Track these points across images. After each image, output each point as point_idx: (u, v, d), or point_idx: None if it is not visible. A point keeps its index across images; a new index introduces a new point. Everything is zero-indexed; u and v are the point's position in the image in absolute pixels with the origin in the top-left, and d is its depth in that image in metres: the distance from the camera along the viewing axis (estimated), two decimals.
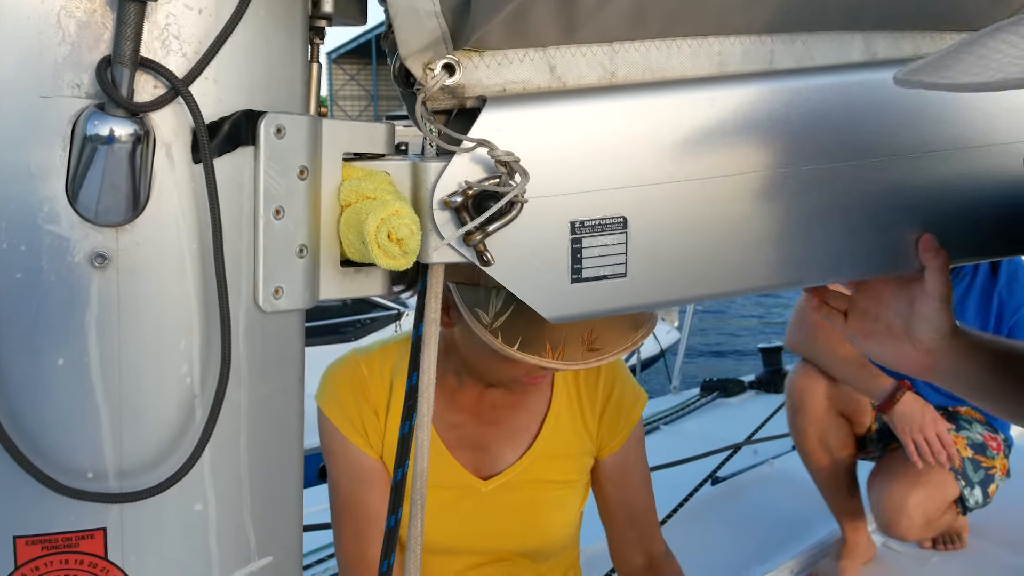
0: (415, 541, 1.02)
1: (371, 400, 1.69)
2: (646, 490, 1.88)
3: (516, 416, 1.74)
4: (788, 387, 2.98)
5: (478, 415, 1.73)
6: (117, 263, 0.78)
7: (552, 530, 1.77)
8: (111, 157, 0.76)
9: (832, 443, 2.91)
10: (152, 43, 0.78)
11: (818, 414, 2.88)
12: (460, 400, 1.73)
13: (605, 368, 1.77)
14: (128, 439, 0.81)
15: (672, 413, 5.08)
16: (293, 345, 0.90)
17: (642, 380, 8.06)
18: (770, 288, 1.06)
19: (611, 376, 1.79)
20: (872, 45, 1.06)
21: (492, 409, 1.73)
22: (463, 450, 1.73)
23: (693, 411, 5.18)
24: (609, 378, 1.78)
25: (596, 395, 1.77)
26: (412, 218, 0.87)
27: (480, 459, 1.73)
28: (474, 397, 1.73)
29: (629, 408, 1.80)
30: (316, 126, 0.88)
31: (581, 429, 1.77)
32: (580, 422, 1.76)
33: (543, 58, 0.95)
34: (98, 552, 0.81)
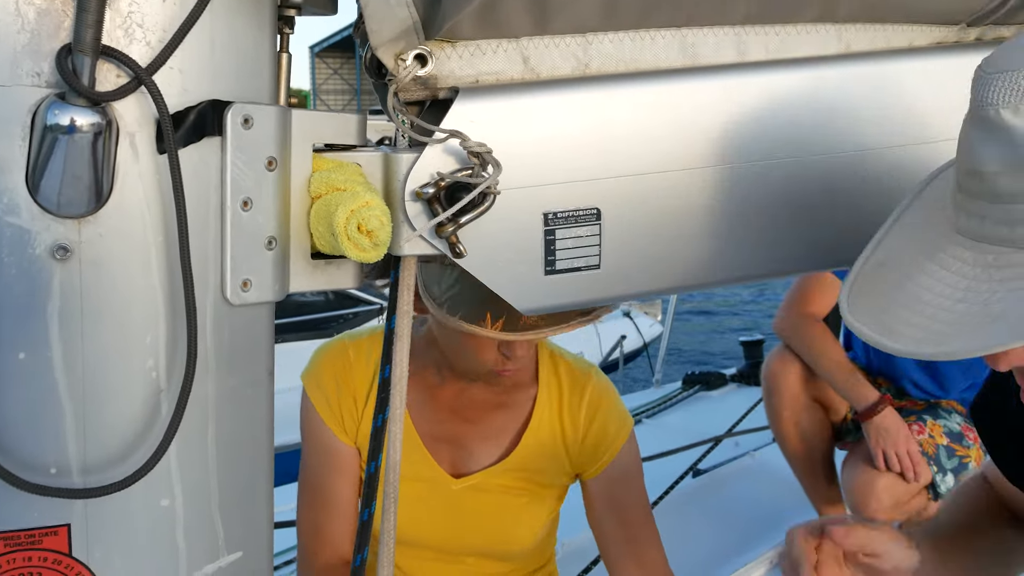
0: (388, 535, 1.01)
1: (352, 386, 1.69)
2: (642, 515, 1.79)
3: (496, 418, 1.73)
4: (764, 371, 2.99)
5: (458, 412, 1.72)
6: (80, 255, 0.77)
7: (517, 536, 1.75)
8: (72, 147, 0.74)
9: (807, 427, 2.92)
10: (115, 31, 0.76)
11: (793, 397, 2.89)
12: (440, 396, 1.72)
13: (591, 392, 1.74)
14: (92, 434, 0.80)
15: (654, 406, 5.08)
16: (262, 338, 0.89)
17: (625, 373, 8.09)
18: (744, 279, 1.06)
19: (596, 400, 1.75)
20: (846, 37, 1.06)
21: (472, 408, 1.72)
22: (439, 445, 1.72)
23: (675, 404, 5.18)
24: (594, 402, 1.75)
25: (579, 416, 1.74)
26: (382, 209, 0.86)
27: (456, 456, 1.73)
28: (454, 394, 1.72)
29: (614, 433, 1.74)
30: (285, 116, 0.87)
31: (560, 447, 1.74)
32: (560, 440, 1.74)
33: (516, 49, 0.95)
34: (62, 549, 0.80)
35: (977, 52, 1.13)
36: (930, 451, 2.78)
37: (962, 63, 1.12)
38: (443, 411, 1.72)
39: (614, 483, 1.76)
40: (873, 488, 2.72)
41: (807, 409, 2.91)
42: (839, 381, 2.79)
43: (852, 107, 1.06)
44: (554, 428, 1.73)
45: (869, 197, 1.08)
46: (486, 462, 1.72)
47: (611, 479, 1.76)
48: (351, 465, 1.71)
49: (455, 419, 1.73)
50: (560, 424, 1.73)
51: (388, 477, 1.01)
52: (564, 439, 1.73)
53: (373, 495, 1.02)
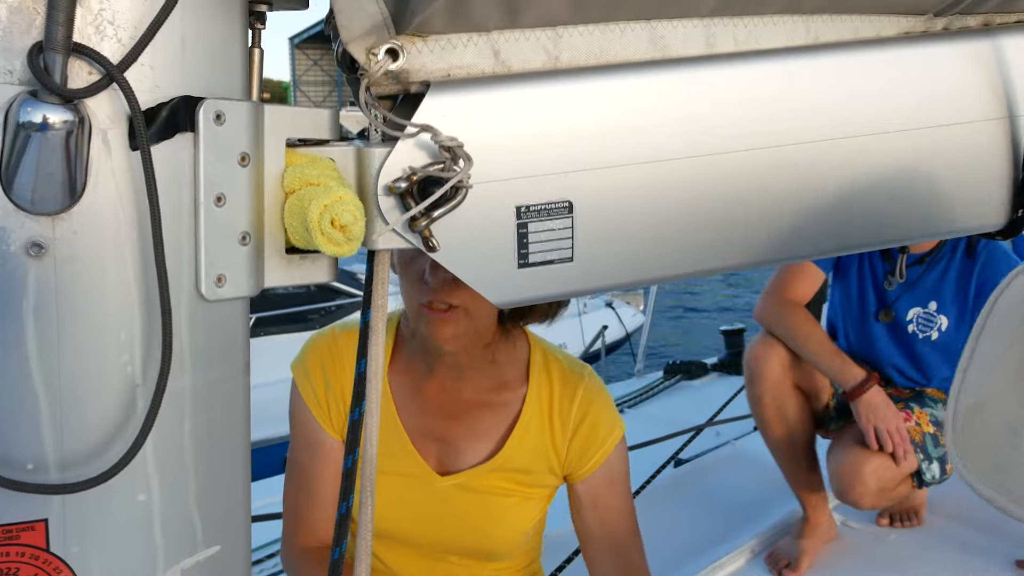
0: (365, 528, 1.02)
1: (340, 379, 1.70)
2: (627, 522, 1.79)
3: (484, 417, 1.73)
4: (746, 356, 3.00)
5: (445, 409, 1.72)
6: (54, 252, 0.77)
7: (500, 536, 1.75)
8: (45, 144, 0.74)
9: (789, 413, 2.93)
10: (86, 28, 0.77)
11: (775, 383, 2.91)
12: (427, 390, 1.72)
13: (582, 392, 1.72)
14: (69, 429, 0.80)
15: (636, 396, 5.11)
16: (238, 332, 0.90)
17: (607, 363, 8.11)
18: (716, 270, 1.07)
19: (588, 401, 1.73)
20: (814, 28, 1.07)
21: (460, 405, 1.72)
22: (426, 441, 1.72)
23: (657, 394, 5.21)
24: (585, 403, 1.73)
25: (569, 417, 1.72)
26: (356, 204, 0.87)
27: (442, 453, 1.73)
28: (442, 390, 1.72)
29: (604, 436, 1.72)
30: (258, 112, 0.87)
31: (549, 448, 1.72)
32: (549, 441, 1.72)
33: (487, 43, 0.95)
34: (40, 544, 0.80)
35: (944, 41, 1.15)
36: (917, 438, 2.81)
37: (930, 53, 1.14)
38: (431, 407, 1.73)
39: (601, 487, 1.75)
40: (860, 472, 2.74)
41: (789, 395, 2.93)
42: (825, 362, 2.81)
43: (821, 98, 1.07)
44: (543, 429, 1.72)
45: (840, 186, 1.10)
46: (473, 461, 1.71)
47: (599, 483, 1.75)
48: (334, 456, 1.72)
49: (443, 416, 1.73)
50: (549, 425, 1.72)
51: (365, 470, 1.02)
52: (552, 440, 1.72)
53: (350, 488, 1.03)
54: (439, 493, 1.71)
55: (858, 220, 1.12)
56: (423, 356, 1.71)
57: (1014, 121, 1.17)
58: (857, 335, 3.04)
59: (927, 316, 2.86)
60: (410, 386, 1.73)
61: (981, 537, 2.98)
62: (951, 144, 1.14)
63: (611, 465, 1.75)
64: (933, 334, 2.86)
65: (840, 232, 1.12)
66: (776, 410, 2.93)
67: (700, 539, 3.12)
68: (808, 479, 3.00)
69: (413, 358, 1.72)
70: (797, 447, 2.98)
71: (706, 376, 5.49)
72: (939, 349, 2.88)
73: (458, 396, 1.73)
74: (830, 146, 1.07)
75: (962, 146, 1.15)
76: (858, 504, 2.79)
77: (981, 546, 2.93)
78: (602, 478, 1.75)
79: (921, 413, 2.88)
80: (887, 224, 1.13)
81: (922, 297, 2.86)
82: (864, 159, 1.10)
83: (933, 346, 2.88)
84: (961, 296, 2.82)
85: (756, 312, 3.02)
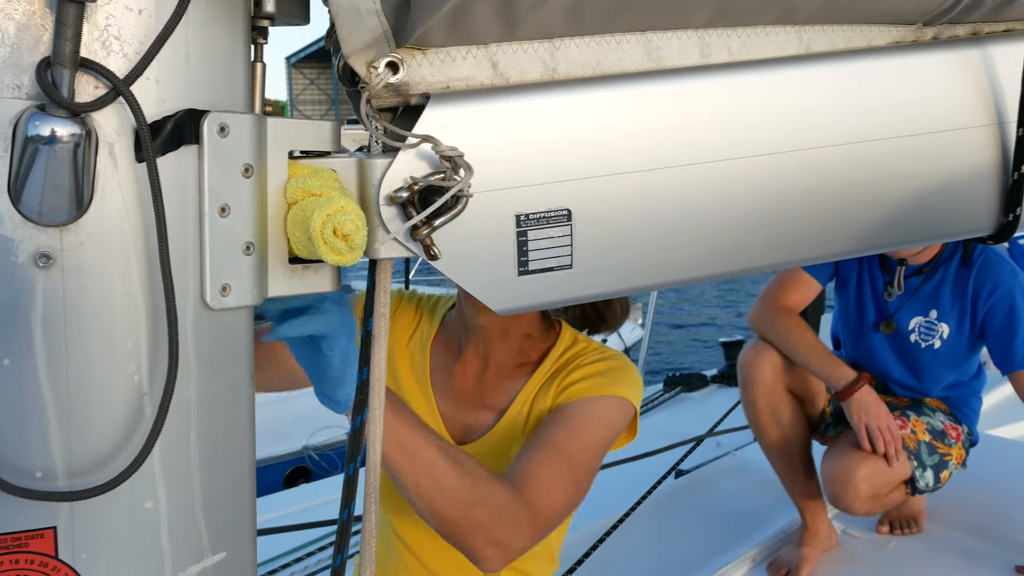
0: (369, 534, 1.03)
1: (394, 327, 1.79)
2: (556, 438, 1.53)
3: (497, 390, 1.74)
4: (740, 362, 3.02)
5: (468, 382, 1.75)
6: (62, 263, 0.79)
7: None
8: (53, 157, 0.76)
9: (783, 417, 2.94)
10: (92, 44, 0.78)
11: (768, 387, 2.92)
12: (458, 364, 1.77)
13: (591, 356, 1.67)
14: (77, 438, 0.81)
15: None
16: (243, 341, 0.91)
17: None
18: (713, 277, 1.09)
19: (588, 360, 1.66)
20: (806, 39, 1.09)
21: (482, 380, 1.75)
22: (451, 412, 1.75)
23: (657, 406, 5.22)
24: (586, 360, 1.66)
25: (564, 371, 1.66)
26: (358, 214, 0.88)
27: (463, 424, 1.74)
28: (470, 363, 1.76)
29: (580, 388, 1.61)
30: (260, 124, 0.89)
31: (520, 431, 1.69)
32: (523, 421, 1.69)
33: (485, 55, 0.97)
34: (48, 551, 0.81)
35: (934, 50, 1.17)
36: (911, 446, 2.82)
37: (920, 61, 1.16)
38: (458, 381, 1.76)
39: (552, 414, 1.60)
40: (852, 477, 2.75)
41: (782, 399, 2.94)
42: (816, 365, 2.83)
43: (814, 107, 1.09)
44: (544, 395, 1.66)
45: (833, 193, 1.11)
46: (480, 432, 1.73)
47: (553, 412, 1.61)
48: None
49: (465, 389, 1.76)
50: (530, 406, 1.67)
51: (368, 477, 1.03)
52: (528, 419, 1.66)
53: (352, 496, 1.04)
54: None
55: (851, 226, 1.14)
56: (462, 331, 1.76)
57: (1003, 127, 1.19)
58: (857, 346, 3.06)
59: (928, 325, 2.87)
60: (445, 358, 1.78)
61: (981, 544, 2.98)
62: (941, 150, 1.16)
63: (574, 404, 1.59)
64: (935, 342, 2.87)
65: (833, 238, 1.13)
66: (770, 414, 2.94)
67: (701, 549, 3.13)
68: (805, 485, 3.01)
69: (452, 335, 1.78)
70: (793, 452, 2.99)
71: (706, 388, 5.50)
72: (941, 357, 2.90)
73: (482, 372, 1.75)
74: (822, 154, 1.09)
75: (952, 152, 1.17)
76: (851, 509, 2.79)
77: (981, 553, 2.93)
78: (557, 412, 1.59)
79: (918, 421, 2.89)
80: (879, 230, 1.15)
81: (922, 306, 2.88)
82: (856, 166, 1.12)
83: (935, 355, 2.89)
84: (959, 302, 2.83)
85: (750, 319, 3.04)
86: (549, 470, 1.46)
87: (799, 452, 3.00)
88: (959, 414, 3.02)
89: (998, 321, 2.77)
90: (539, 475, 1.44)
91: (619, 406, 1.61)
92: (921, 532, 3.11)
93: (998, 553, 2.91)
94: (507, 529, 1.34)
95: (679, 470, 3.81)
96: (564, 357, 1.72)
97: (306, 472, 7.13)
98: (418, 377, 1.78)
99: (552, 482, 1.45)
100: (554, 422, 1.56)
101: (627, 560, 3.09)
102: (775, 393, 2.93)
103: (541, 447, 1.50)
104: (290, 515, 3.53)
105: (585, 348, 1.74)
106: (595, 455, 1.55)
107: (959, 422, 3.00)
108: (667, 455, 3.90)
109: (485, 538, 1.32)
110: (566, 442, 1.51)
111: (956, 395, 3.04)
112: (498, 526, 1.32)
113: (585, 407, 1.58)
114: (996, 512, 3.20)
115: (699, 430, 4.21)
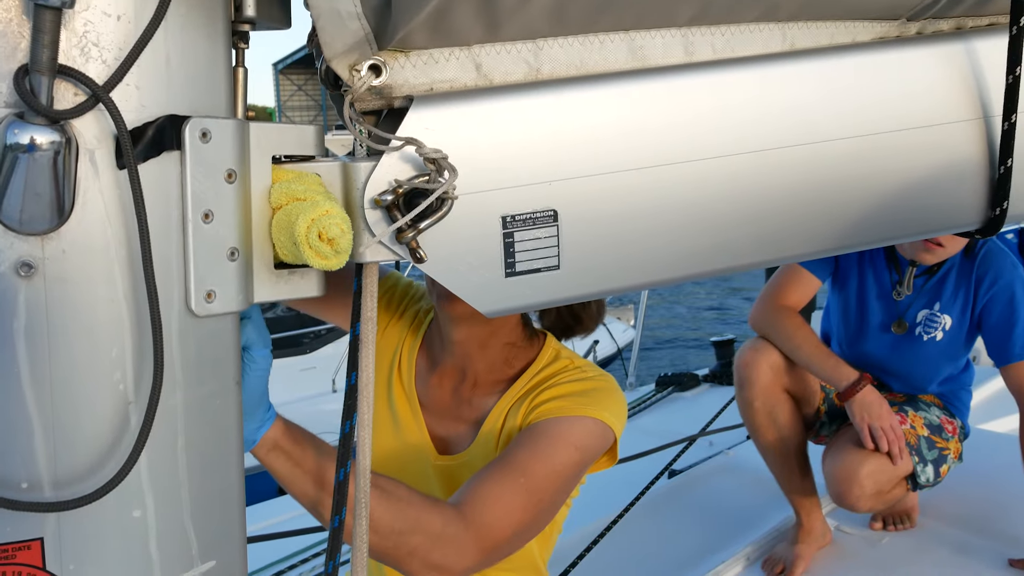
0: (360, 540, 1.03)
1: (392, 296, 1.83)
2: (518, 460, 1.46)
3: (474, 406, 1.71)
4: (737, 361, 3.00)
5: (449, 392, 1.73)
6: (44, 271, 0.78)
7: None
8: (33, 165, 0.75)
9: (780, 418, 2.93)
10: (71, 51, 0.78)
11: (765, 387, 2.91)
12: (440, 372, 1.74)
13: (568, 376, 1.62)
14: (62, 448, 0.80)
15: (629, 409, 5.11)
16: (229, 347, 0.90)
17: None
18: (702, 275, 1.09)
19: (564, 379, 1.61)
20: (790, 35, 1.09)
21: (461, 392, 1.72)
22: (432, 418, 1.73)
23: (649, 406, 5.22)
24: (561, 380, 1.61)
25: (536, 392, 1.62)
26: (343, 217, 0.88)
27: (443, 434, 1.73)
28: (450, 373, 1.73)
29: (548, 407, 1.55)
30: (243, 129, 0.88)
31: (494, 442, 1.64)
32: (497, 432, 1.65)
33: (468, 57, 0.97)
34: (36, 563, 0.81)
35: (918, 45, 1.17)
36: (912, 441, 2.82)
37: (904, 56, 1.16)
38: (440, 389, 1.74)
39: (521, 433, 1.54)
40: (856, 475, 2.74)
41: (780, 399, 2.93)
42: (818, 365, 2.82)
43: (800, 104, 1.09)
44: (515, 416, 1.62)
45: (818, 190, 1.11)
46: (458, 448, 1.71)
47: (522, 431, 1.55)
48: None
49: (446, 399, 1.73)
50: (503, 422, 1.63)
51: (358, 483, 1.03)
52: (500, 435, 1.63)
53: (343, 502, 1.03)
54: (435, 470, 1.70)
55: (837, 222, 1.14)
56: (439, 344, 1.73)
57: (988, 121, 1.19)
58: (855, 345, 3.06)
59: (931, 317, 2.87)
60: (429, 363, 1.76)
61: (974, 538, 2.99)
62: (927, 145, 1.16)
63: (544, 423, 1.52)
64: (937, 334, 2.88)
65: (820, 234, 1.13)
66: (767, 415, 2.94)
67: (696, 548, 3.12)
68: (800, 484, 3.00)
69: (433, 345, 1.76)
70: (789, 452, 2.98)
71: (698, 387, 5.50)
72: (942, 348, 2.90)
73: (459, 385, 1.73)
74: (808, 151, 1.09)
75: (938, 147, 1.17)
76: (855, 507, 2.79)
77: (974, 547, 2.94)
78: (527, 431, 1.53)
79: (916, 416, 2.89)
80: (866, 225, 1.15)
81: (927, 299, 2.88)
82: (841, 162, 1.11)
83: (936, 346, 2.89)
84: (962, 294, 2.84)
85: (751, 318, 3.03)
86: (502, 490, 1.40)
87: (795, 452, 2.99)
88: (952, 408, 3.03)
89: (996, 313, 2.77)
90: (490, 495, 1.39)
91: (594, 429, 1.53)
92: (914, 527, 3.12)
93: (991, 546, 2.92)
94: (445, 552, 1.31)
95: (672, 470, 3.80)
96: (542, 374, 1.66)
97: None
98: (405, 386, 1.76)
99: (504, 503, 1.39)
100: (520, 442, 1.50)
101: (622, 561, 3.08)
102: (772, 394, 2.92)
103: (499, 467, 1.44)
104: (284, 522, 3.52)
105: (567, 366, 1.67)
106: (561, 479, 1.48)
107: (953, 416, 3.00)
108: (660, 455, 3.90)
109: (421, 563, 1.29)
110: (528, 462, 1.45)
111: (948, 389, 3.04)
112: (435, 551, 1.29)
113: (555, 427, 1.51)
114: (988, 506, 3.21)
115: (692, 429, 4.21)
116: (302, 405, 7.33)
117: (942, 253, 2.77)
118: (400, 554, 1.27)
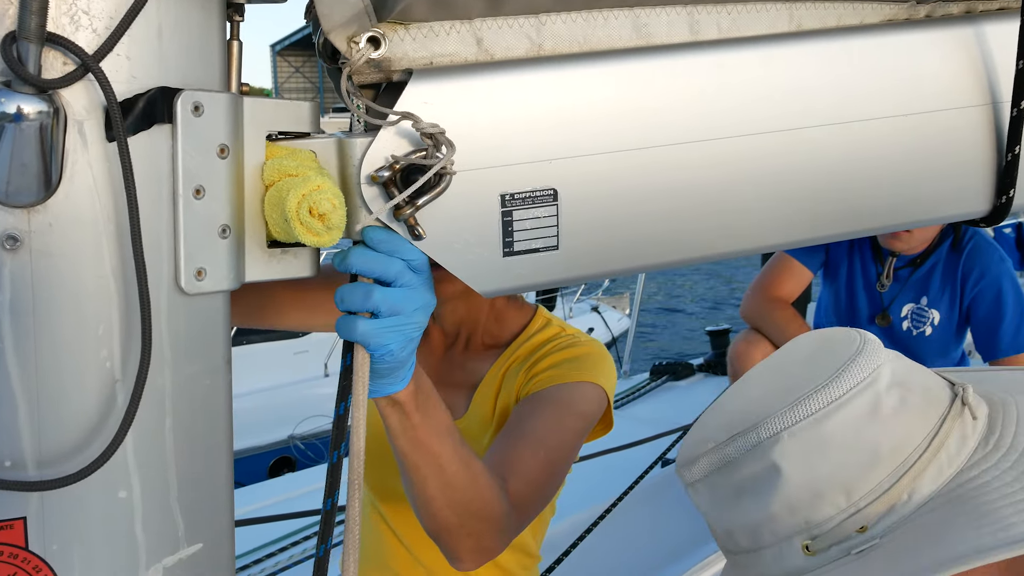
0: (352, 522, 1.01)
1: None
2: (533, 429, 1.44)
3: (467, 372, 1.67)
4: (730, 353, 3.00)
5: (441, 360, 1.70)
6: (30, 245, 0.76)
7: None
8: (19, 135, 0.73)
9: None
10: (60, 18, 0.75)
11: None
12: (430, 340, 1.70)
13: (559, 342, 1.60)
14: (47, 426, 0.78)
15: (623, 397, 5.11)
16: (219, 327, 0.88)
17: None
18: (702, 258, 1.07)
19: (558, 348, 1.58)
20: (796, 16, 1.07)
21: (453, 357, 1.69)
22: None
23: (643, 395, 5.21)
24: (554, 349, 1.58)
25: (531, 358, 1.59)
26: (335, 192, 0.86)
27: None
28: (440, 340, 1.70)
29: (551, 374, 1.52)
30: (236, 104, 0.86)
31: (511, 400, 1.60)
32: (492, 404, 1.62)
33: (469, 30, 0.94)
34: (18, 542, 0.79)
35: (927, 29, 1.14)
36: None
37: (913, 39, 1.14)
38: (431, 358, 1.70)
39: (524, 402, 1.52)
40: None
41: None
42: None
43: (805, 85, 1.07)
44: (510, 382, 1.60)
45: (824, 174, 1.09)
46: (459, 413, 1.65)
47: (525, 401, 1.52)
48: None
49: (439, 367, 1.70)
50: (498, 386, 1.62)
51: (352, 465, 1.01)
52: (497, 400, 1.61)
53: (336, 484, 1.01)
54: None
55: (842, 208, 1.12)
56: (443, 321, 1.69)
57: (996, 108, 1.17)
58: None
59: (919, 311, 2.86)
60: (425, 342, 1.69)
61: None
62: (934, 131, 1.14)
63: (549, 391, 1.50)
64: (927, 329, 2.87)
65: (825, 220, 1.11)
66: None
67: (688, 538, 3.12)
68: None
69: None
70: None
71: (692, 376, 5.49)
72: (932, 343, 2.89)
73: (452, 347, 1.70)
74: (813, 133, 1.07)
75: (945, 133, 1.15)
76: None
77: None
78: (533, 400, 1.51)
79: None
80: (871, 211, 1.13)
81: (913, 293, 2.87)
82: (847, 146, 1.09)
83: (927, 341, 2.88)
84: (949, 288, 2.82)
85: (742, 309, 3.02)
86: (529, 468, 1.38)
87: None
88: None
89: (983, 308, 2.76)
90: (527, 476, 1.37)
91: (592, 393, 1.54)
92: None
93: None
94: (496, 537, 1.29)
95: (666, 459, 3.79)
96: (535, 339, 1.65)
97: (290, 462, 7.13)
98: None
99: (534, 481, 1.39)
100: (531, 412, 1.48)
101: (615, 549, 3.08)
102: None
103: (522, 442, 1.42)
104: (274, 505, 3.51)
105: (559, 333, 1.66)
106: (572, 448, 1.48)
107: None
108: (654, 444, 3.88)
109: (474, 545, 1.27)
110: (544, 434, 1.44)
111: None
112: (487, 536, 1.28)
113: (558, 395, 1.51)
114: None
115: (686, 419, 4.19)
116: (295, 388, 7.34)
117: (909, 239, 2.76)
118: (461, 535, 1.24)
